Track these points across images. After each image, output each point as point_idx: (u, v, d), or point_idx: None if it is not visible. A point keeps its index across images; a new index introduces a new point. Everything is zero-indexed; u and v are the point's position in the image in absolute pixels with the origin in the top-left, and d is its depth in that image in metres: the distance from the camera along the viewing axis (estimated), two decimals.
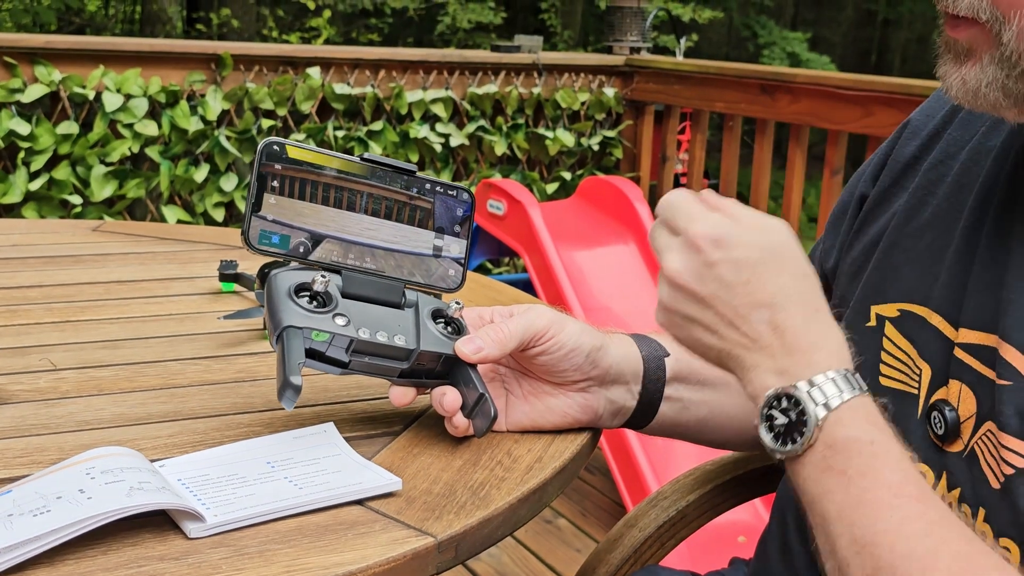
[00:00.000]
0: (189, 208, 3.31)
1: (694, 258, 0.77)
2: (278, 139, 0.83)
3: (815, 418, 0.73)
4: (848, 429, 0.72)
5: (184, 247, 1.59)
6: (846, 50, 16.40)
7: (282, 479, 0.80)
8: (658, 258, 0.80)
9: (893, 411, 0.85)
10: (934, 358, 0.83)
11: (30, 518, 0.67)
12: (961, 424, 0.78)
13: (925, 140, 0.93)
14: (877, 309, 0.89)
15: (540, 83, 3.88)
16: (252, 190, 0.83)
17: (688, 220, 0.78)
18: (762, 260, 0.76)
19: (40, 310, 1.24)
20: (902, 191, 0.92)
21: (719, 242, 0.76)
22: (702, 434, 1.02)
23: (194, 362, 1.09)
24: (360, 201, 0.86)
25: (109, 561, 0.69)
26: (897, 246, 0.89)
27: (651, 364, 0.95)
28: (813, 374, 0.74)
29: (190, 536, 0.72)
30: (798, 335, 0.75)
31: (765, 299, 0.76)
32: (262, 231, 0.83)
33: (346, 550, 0.72)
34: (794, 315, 0.76)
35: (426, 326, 0.86)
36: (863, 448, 0.72)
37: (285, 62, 3.41)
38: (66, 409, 0.94)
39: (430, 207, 0.89)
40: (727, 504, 1.20)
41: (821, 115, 3.26)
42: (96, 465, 0.75)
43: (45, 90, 3.04)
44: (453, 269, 0.90)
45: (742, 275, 0.76)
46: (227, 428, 0.92)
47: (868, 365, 0.88)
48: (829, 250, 1.01)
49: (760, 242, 0.77)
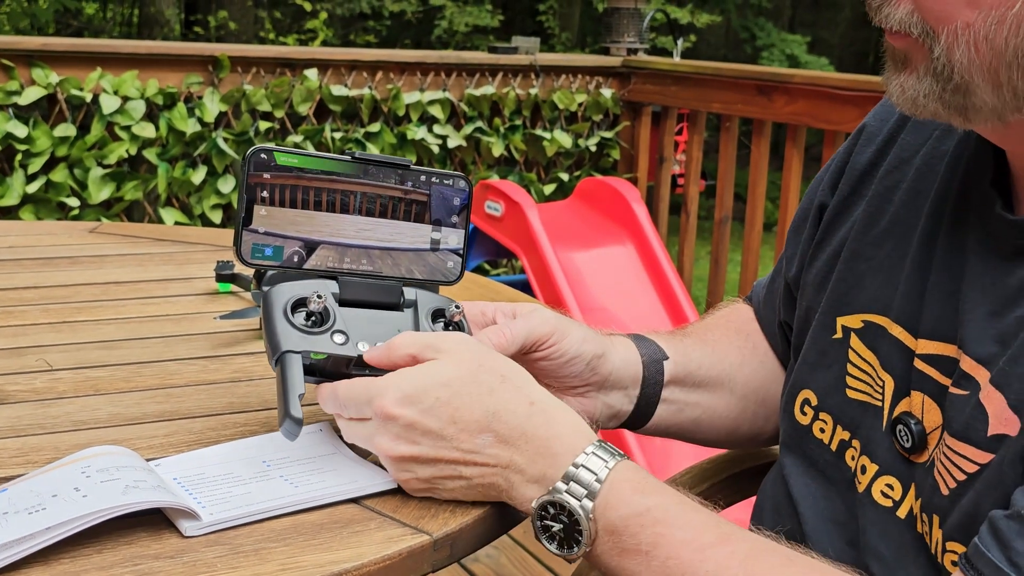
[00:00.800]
0: (187, 210, 3.31)
1: (394, 427, 0.76)
2: (265, 146, 0.81)
3: (584, 514, 0.73)
4: (619, 509, 0.73)
5: (181, 248, 1.59)
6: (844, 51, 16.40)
7: (278, 478, 0.80)
8: (367, 447, 0.79)
9: (858, 422, 0.85)
10: (895, 369, 0.82)
11: (25, 516, 0.68)
12: (928, 435, 0.78)
13: (880, 145, 0.91)
14: (842, 320, 0.88)
15: (537, 84, 3.88)
16: (241, 204, 0.80)
17: (367, 402, 0.77)
18: (455, 393, 0.76)
19: (37, 311, 1.24)
20: (860, 199, 0.91)
21: (404, 401, 0.75)
22: (696, 434, 1.03)
23: (190, 362, 1.09)
24: (353, 201, 0.84)
25: (104, 559, 0.69)
26: (859, 256, 0.88)
27: (650, 369, 0.95)
28: (563, 469, 0.74)
29: (186, 534, 0.72)
30: (529, 437, 0.76)
31: (479, 423, 0.75)
32: (255, 245, 0.81)
33: (341, 548, 0.72)
34: (514, 423, 0.76)
35: (425, 330, 0.85)
36: (643, 520, 0.72)
37: (282, 64, 3.41)
38: (62, 409, 0.95)
39: (426, 199, 0.86)
40: (724, 503, 1.20)
41: (818, 115, 3.26)
42: (92, 464, 0.75)
43: (42, 92, 3.04)
44: (452, 261, 0.88)
45: (443, 416, 0.75)
46: (223, 427, 0.92)
47: (835, 378, 0.88)
48: (791, 259, 0.99)
49: (443, 378, 0.76)
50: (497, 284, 1.42)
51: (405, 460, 0.76)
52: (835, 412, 0.88)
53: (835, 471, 0.88)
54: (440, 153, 3.64)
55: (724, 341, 1.05)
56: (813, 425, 0.90)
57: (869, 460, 0.83)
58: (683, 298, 3.29)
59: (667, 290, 3.33)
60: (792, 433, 0.93)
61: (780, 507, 0.93)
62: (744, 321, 1.09)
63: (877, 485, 0.82)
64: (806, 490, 0.90)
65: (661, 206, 4.04)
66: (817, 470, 0.90)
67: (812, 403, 0.91)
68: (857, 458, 0.85)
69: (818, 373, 0.90)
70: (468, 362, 0.77)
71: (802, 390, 0.92)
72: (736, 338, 1.06)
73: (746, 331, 1.07)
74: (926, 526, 0.76)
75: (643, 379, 0.95)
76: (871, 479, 0.83)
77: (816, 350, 0.91)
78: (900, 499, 0.80)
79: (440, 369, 0.77)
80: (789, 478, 0.92)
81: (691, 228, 3.91)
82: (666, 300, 3.31)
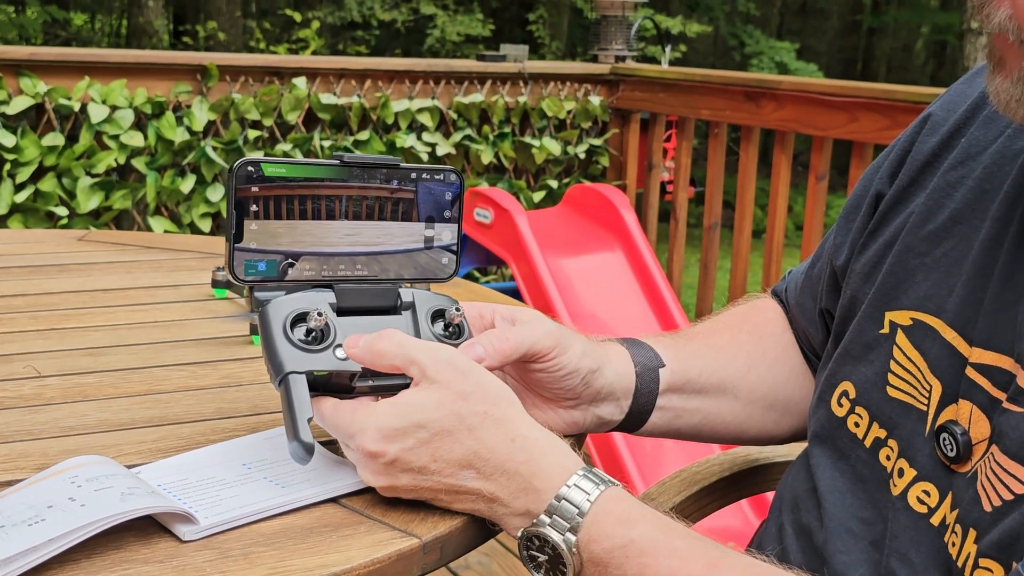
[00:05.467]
0: (175, 219, 3.30)
1: (373, 464, 0.76)
2: (252, 158, 0.78)
3: (567, 547, 0.73)
4: (603, 542, 0.73)
5: (169, 256, 1.59)
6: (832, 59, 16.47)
7: (262, 479, 0.80)
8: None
9: (896, 423, 0.83)
10: (945, 375, 0.79)
11: (25, 528, 0.67)
12: (973, 447, 0.76)
13: (945, 137, 0.89)
14: (891, 315, 0.86)
15: (526, 92, 3.89)
16: (231, 220, 0.78)
17: (349, 436, 0.77)
18: (435, 434, 0.75)
19: (25, 318, 1.24)
20: (920, 190, 0.88)
21: (384, 440, 0.75)
22: (698, 436, 1.01)
23: (179, 368, 1.09)
24: (340, 206, 0.82)
25: (93, 565, 0.69)
26: (912, 250, 0.86)
27: (644, 378, 0.93)
28: (546, 503, 0.74)
29: (184, 539, 0.72)
30: (511, 475, 0.75)
31: (462, 461, 0.75)
32: (247, 261, 0.79)
33: (331, 552, 0.72)
34: (495, 461, 0.75)
35: (425, 332, 0.83)
36: (628, 552, 0.72)
37: (271, 72, 3.41)
38: (50, 415, 0.94)
39: (416, 197, 0.84)
40: (714, 506, 1.21)
41: (806, 121, 3.27)
42: (79, 473, 0.75)
43: (30, 102, 3.03)
44: (446, 257, 0.87)
45: (424, 456, 0.75)
46: (212, 432, 0.91)
47: (876, 373, 0.86)
48: (840, 247, 0.96)
49: (424, 416, 0.75)
50: (490, 291, 1.42)
51: (391, 490, 0.77)
52: (872, 408, 0.86)
53: (867, 468, 0.85)
54: (429, 161, 3.64)
55: (731, 345, 1.02)
56: (848, 418, 0.88)
57: (908, 464, 0.81)
58: (672, 305, 3.30)
59: (656, 297, 3.34)
60: (826, 424, 0.90)
61: (801, 500, 0.91)
62: (760, 322, 1.06)
63: (914, 491, 0.80)
64: (833, 484, 0.88)
65: (650, 213, 4.05)
66: (848, 464, 0.87)
67: (850, 395, 0.88)
68: (894, 459, 0.83)
69: (860, 366, 0.88)
70: (450, 397, 0.76)
71: (842, 381, 0.89)
72: (746, 341, 1.03)
73: (760, 332, 1.05)
74: (957, 537, 0.75)
75: (635, 390, 0.93)
76: (908, 484, 0.81)
77: (860, 343, 0.88)
78: (935, 507, 0.78)
79: (422, 405, 0.75)
80: (816, 470, 0.89)
81: (680, 235, 3.92)
82: (655, 307, 3.32)
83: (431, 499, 0.78)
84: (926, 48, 17.46)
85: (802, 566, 0.88)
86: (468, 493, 0.76)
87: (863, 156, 3.14)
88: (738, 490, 1.22)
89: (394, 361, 0.78)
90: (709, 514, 1.21)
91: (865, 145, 3.12)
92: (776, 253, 3.42)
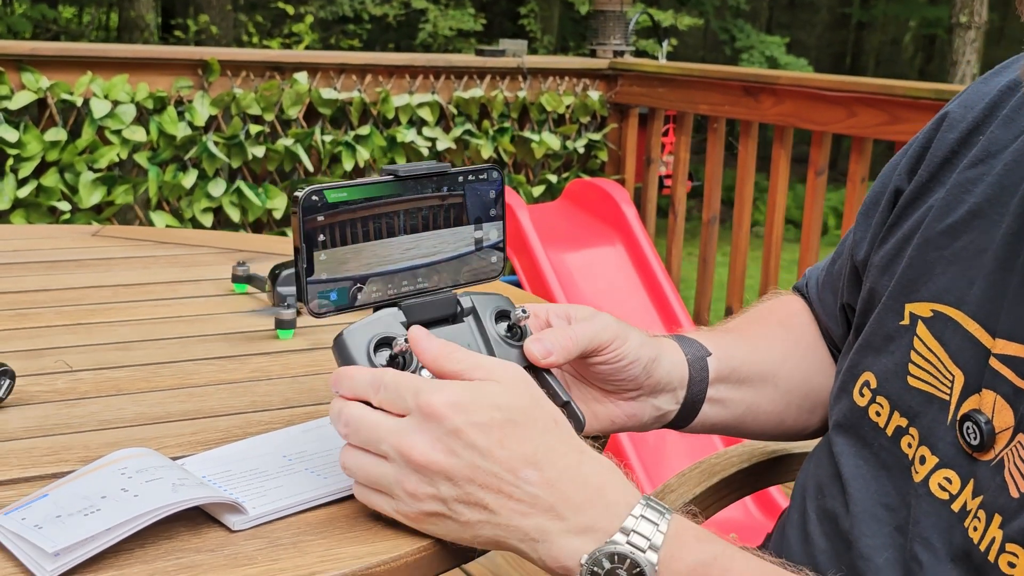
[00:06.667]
0: (177, 214, 3.31)
1: (435, 429, 0.70)
2: (315, 187, 0.77)
3: (651, 566, 0.69)
4: (686, 559, 0.71)
5: (185, 251, 1.60)
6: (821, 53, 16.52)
7: (303, 471, 0.82)
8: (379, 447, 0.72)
9: (918, 412, 0.85)
10: (968, 365, 0.81)
11: (81, 518, 0.68)
12: (996, 435, 0.77)
13: (963, 134, 0.90)
14: (911, 307, 0.87)
15: (525, 87, 3.90)
16: (303, 254, 0.76)
17: (416, 394, 0.71)
18: (510, 419, 0.71)
19: (50, 313, 1.25)
20: (939, 186, 0.90)
21: (456, 407, 0.70)
22: (741, 429, 1.02)
23: (208, 362, 1.10)
24: (399, 222, 0.81)
25: (147, 554, 0.70)
26: (931, 243, 0.87)
27: (695, 367, 0.95)
28: (621, 520, 0.70)
29: (233, 529, 0.73)
30: (580, 483, 0.71)
31: (528, 456, 0.71)
32: (320, 294, 0.78)
33: (377, 540, 0.73)
34: (562, 465, 0.72)
35: (491, 333, 0.84)
36: (711, 569, 0.71)
37: (271, 67, 3.41)
38: (87, 409, 0.96)
39: (463, 201, 0.85)
40: (732, 496, 1.22)
41: (804, 116, 3.29)
42: (128, 465, 0.76)
43: (32, 97, 3.03)
44: (495, 256, 0.88)
45: (492, 437, 0.70)
46: (248, 425, 0.93)
47: (896, 364, 0.88)
48: (860, 242, 0.98)
49: (500, 400, 0.72)
50: (506, 284, 1.44)
51: (433, 471, 0.70)
52: (893, 398, 0.87)
53: (889, 456, 0.87)
54: (429, 156, 3.65)
55: (767, 336, 1.04)
56: (869, 408, 0.90)
57: (929, 452, 0.83)
58: (673, 298, 3.32)
59: (657, 290, 3.35)
60: (848, 414, 0.92)
61: (825, 487, 0.93)
62: (789, 314, 1.08)
63: (935, 478, 0.82)
64: (857, 471, 0.89)
65: (649, 207, 4.06)
66: (871, 452, 0.89)
67: (871, 385, 0.90)
68: (915, 447, 0.85)
69: (881, 357, 0.89)
70: (524, 395, 0.73)
71: (864, 372, 0.91)
72: (779, 331, 1.05)
73: (789, 324, 1.07)
74: (980, 523, 0.76)
75: (689, 378, 0.94)
76: (930, 471, 0.82)
77: (881, 334, 0.90)
78: (956, 494, 0.80)
79: (498, 391, 0.72)
80: (840, 458, 0.91)
81: (679, 229, 3.94)
82: (656, 300, 3.34)
83: (458, 516, 0.71)
84: (914, 42, 17.52)
85: (826, 551, 0.90)
86: (518, 501, 0.71)
87: (861, 151, 3.16)
88: (756, 481, 1.23)
89: (457, 367, 0.75)
90: (727, 505, 1.23)
91: (864, 140, 3.14)
92: (775, 247, 3.44)
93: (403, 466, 0.71)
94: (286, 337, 1.18)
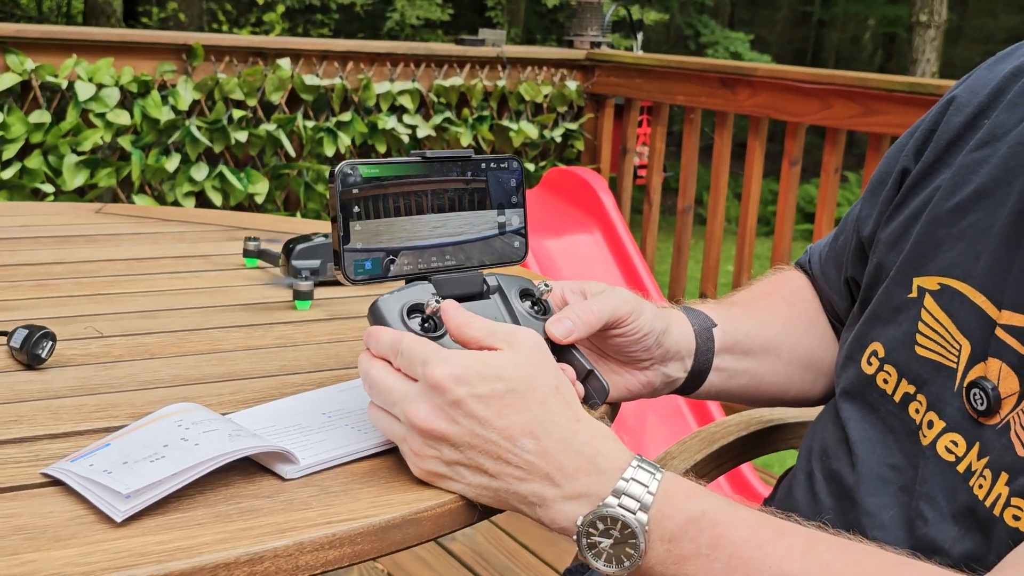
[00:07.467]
0: (160, 198, 3.32)
1: (438, 399, 0.75)
2: (351, 161, 0.82)
3: (641, 526, 0.73)
4: (676, 517, 0.74)
5: (190, 228, 1.64)
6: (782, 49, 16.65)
7: (343, 427, 0.86)
8: (393, 409, 0.78)
9: (925, 379, 0.90)
10: (974, 335, 0.86)
11: (147, 464, 0.72)
12: (1003, 401, 0.82)
13: (969, 118, 0.95)
14: (919, 281, 0.92)
15: (504, 76, 3.94)
16: (340, 223, 0.81)
17: (423, 364, 0.76)
18: (511, 389, 0.75)
19: (69, 284, 1.28)
20: (945, 167, 0.95)
21: (459, 379, 0.75)
22: (745, 396, 1.07)
23: (234, 330, 1.14)
24: (427, 201, 0.87)
25: (208, 500, 0.74)
26: (938, 222, 0.92)
27: (702, 336, 1.00)
28: (613, 484, 0.75)
29: (286, 478, 0.77)
30: (573, 452, 0.75)
31: (525, 427, 0.75)
32: (356, 262, 0.83)
33: (421, 488, 0.78)
34: (558, 435, 0.76)
35: (518, 309, 0.89)
36: (701, 524, 0.74)
37: (255, 53, 3.43)
38: (124, 371, 0.99)
39: (486, 186, 0.90)
40: (730, 464, 1.28)
41: (780, 108, 3.36)
42: (183, 418, 0.80)
43: (17, 79, 3.03)
44: (517, 241, 0.93)
45: (491, 408, 0.75)
46: (283, 387, 0.97)
47: (904, 334, 0.93)
48: (866, 218, 1.04)
49: (503, 371, 0.76)
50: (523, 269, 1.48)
51: (434, 435, 0.76)
52: (902, 366, 0.92)
53: (897, 421, 0.92)
54: (410, 143, 3.69)
55: (770, 309, 1.10)
56: (877, 375, 0.95)
57: (937, 417, 0.88)
58: (650, 284, 3.38)
59: (634, 276, 3.41)
60: (856, 381, 0.97)
61: (831, 449, 0.98)
62: (792, 289, 1.14)
63: (942, 441, 0.87)
64: (863, 435, 0.94)
65: (624, 196, 4.12)
66: (878, 417, 0.94)
67: (879, 355, 0.95)
68: (923, 412, 0.90)
69: (889, 328, 0.94)
70: (529, 365, 0.78)
71: (872, 342, 0.96)
72: (782, 306, 1.11)
73: (792, 299, 1.12)
74: (985, 481, 0.82)
75: (696, 347, 0.99)
76: (937, 435, 0.88)
77: (889, 306, 0.95)
78: (962, 456, 0.85)
79: (501, 362, 0.77)
80: (848, 423, 0.96)
81: (653, 219, 4.00)
82: (633, 286, 3.40)
83: (462, 478, 0.77)
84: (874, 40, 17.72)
85: (832, 509, 0.96)
86: (516, 467, 0.75)
87: (835, 142, 3.23)
88: (754, 449, 1.29)
89: (477, 334, 0.80)
90: (725, 472, 1.29)
91: (838, 132, 3.22)
92: (749, 236, 3.51)
93: (409, 428, 0.77)
94: (304, 308, 1.22)
